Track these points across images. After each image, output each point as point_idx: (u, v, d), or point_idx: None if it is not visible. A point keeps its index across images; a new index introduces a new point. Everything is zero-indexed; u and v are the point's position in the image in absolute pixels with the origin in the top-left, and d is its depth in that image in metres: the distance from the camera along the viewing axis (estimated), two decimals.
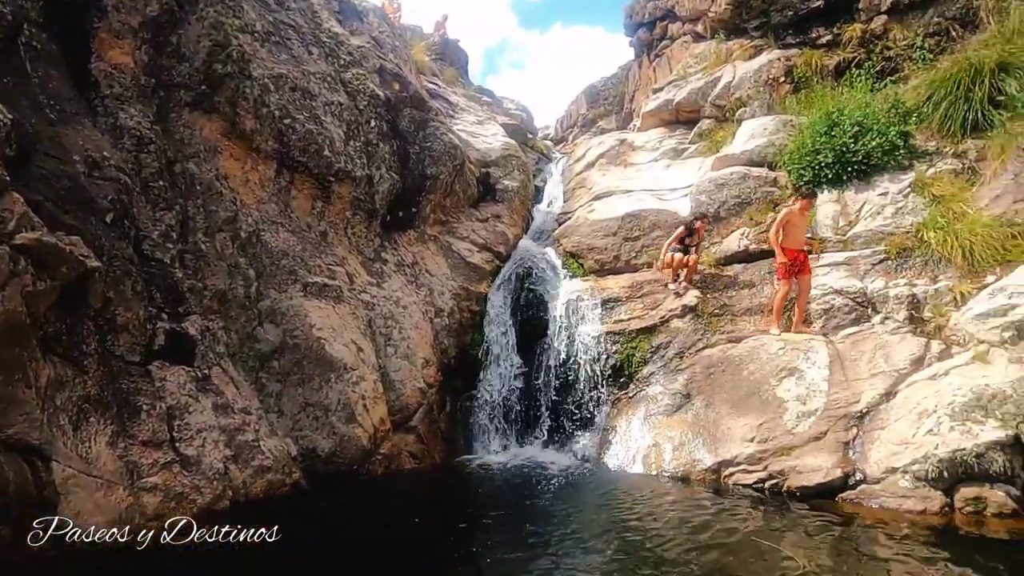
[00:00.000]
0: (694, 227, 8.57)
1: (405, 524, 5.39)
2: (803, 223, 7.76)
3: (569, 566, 4.46)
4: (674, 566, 4.38)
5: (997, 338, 6.05)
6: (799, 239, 7.68)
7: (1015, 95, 7.73)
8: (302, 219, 7.50)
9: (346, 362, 6.87)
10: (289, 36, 7.88)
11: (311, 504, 5.93)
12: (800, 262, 7.59)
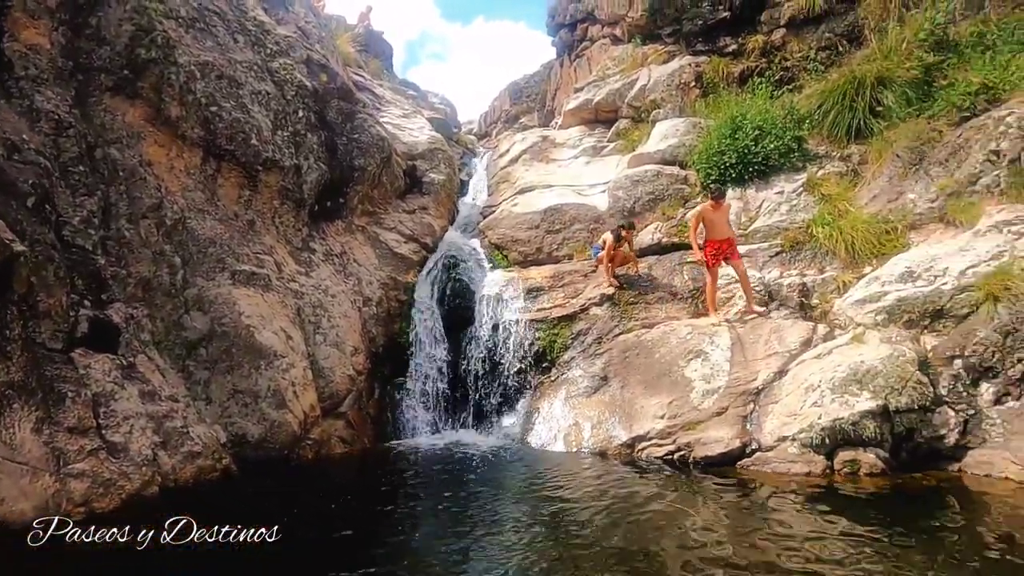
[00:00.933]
0: (621, 235, 8.87)
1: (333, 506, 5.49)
2: (721, 217, 8.03)
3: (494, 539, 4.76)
4: (591, 531, 4.79)
5: (871, 321, 6.86)
6: (720, 231, 7.98)
7: (891, 106, 8.67)
8: (229, 208, 7.48)
9: (276, 349, 6.95)
10: (214, 23, 7.81)
11: (240, 489, 6.01)
12: (724, 249, 7.92)
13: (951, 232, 7.22)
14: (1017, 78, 7.61)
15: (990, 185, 7.21)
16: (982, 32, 8.49)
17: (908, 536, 4.56)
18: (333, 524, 4.97)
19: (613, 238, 8.80)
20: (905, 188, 7.97)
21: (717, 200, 8.05)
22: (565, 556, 4.37)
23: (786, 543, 4.46)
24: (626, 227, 8.96)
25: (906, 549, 4.29)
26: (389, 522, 5.28)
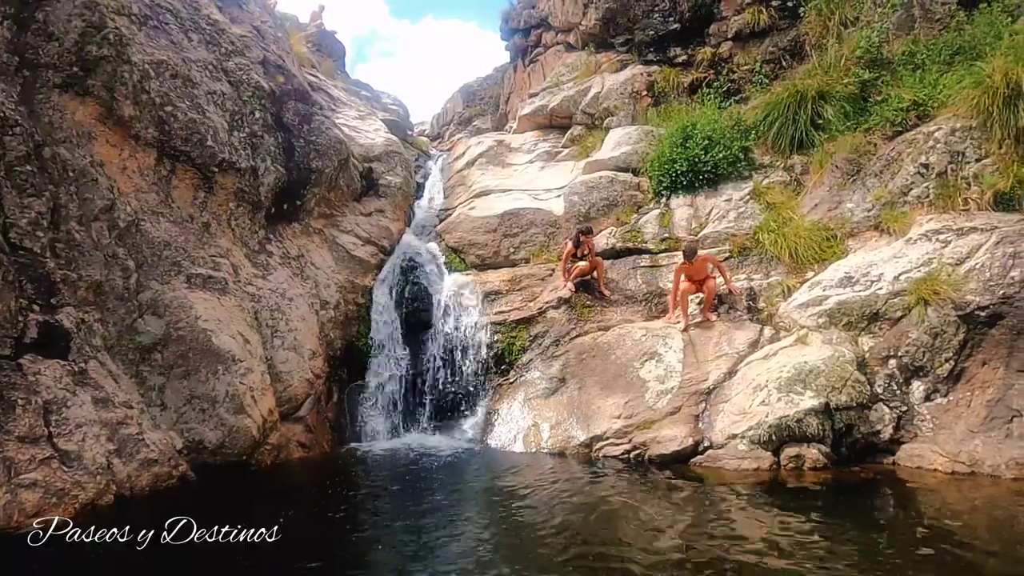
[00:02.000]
0: (580, 241, 9.00)
1: (291, 512, 5.43)
2: (696, 268, 8.12)
3: (452, 540, 4.85)
4: (548, 531, 4.93)
5: (814, 323, 7.25)
6: (700, 274, 8.15)
7: (831, 119, 9.14)
8: (184, 210, 7.34)
9: (233, 353, 6.87)
10: (167, 21, 7.64)
11: (198, 496, 5.92)
12: (709, 290, 8.12)
13: (885, 240, 7.69)
14: (944, 96, 8.14)
15: (920, 196, 7.71)
16: (912, 51, 9.04)
17: (848, 526, 4.88)
18: (290, 529, 4.96)
19: (572, 243, 9.00)
20: (844, 198, 8.43)
21: (690, 259, 8.10)
22: (522, 555, 4.51)
23: (735, 536, 4.71)
24: (585, 232, 9.12)
25: (846, 538, 4.60)
26: (347, 526, 5.31)
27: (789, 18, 11.03)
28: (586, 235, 9.09)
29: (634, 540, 4.69)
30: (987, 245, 6.64)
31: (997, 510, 5.09)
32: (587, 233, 9.14)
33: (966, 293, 6.43)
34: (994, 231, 6.73)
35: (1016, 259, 6.33)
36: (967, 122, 7.63)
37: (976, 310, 6.33)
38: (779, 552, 4.37)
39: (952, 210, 7.31)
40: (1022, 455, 5.68)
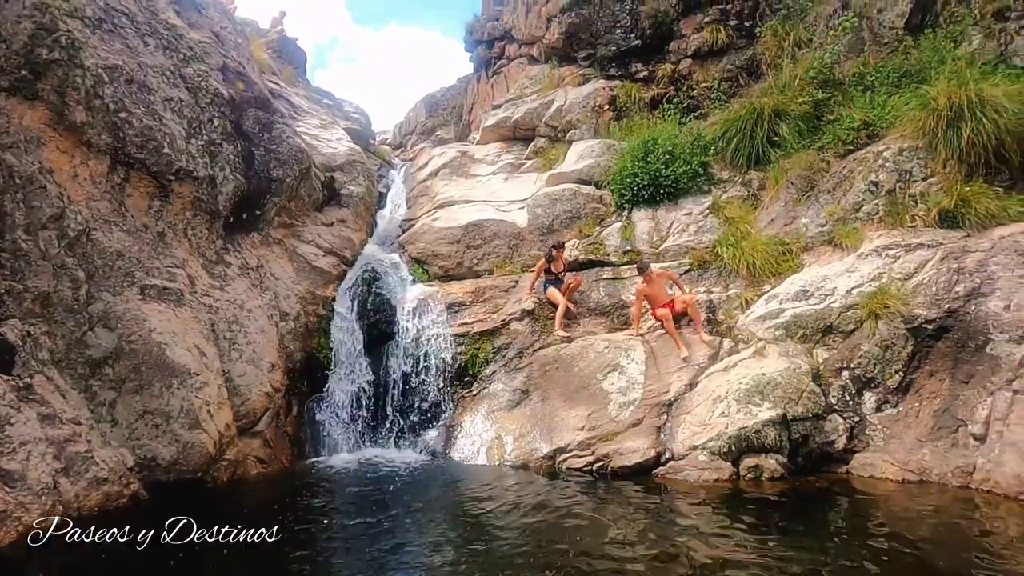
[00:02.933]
0: (552, 255, 9.02)
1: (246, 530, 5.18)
2: (657, 288, 8.22)
3: (412, 555, 4.81)
4: (510, 544, 4.93)
5: (771, 336, 7.43)
6: (661, 298, 8.18)
7: (786, 137, 9.43)
8: (139, 219, 7.12)
9: (189, 367, 6.68)
10: (123, 25, 7.43)
11: (150, 515, 5.71)
12: (675, 307, 8.05)
13: (838, 254, 7.94)
14: (892, 117, 8.48)
15: (871, 212, 7.99)
16: (863, 73, 9.39)
17: (803, 535, 5.01)
18: (243, 550, 4.84)
19: (544, 258, 9.05)
20: (799, 213, 8.68)
21: (644, 273, 8.25)
22: (484, 568, 4.48)
23: (694, 546, 4.78)
24: (557, 247, 9.17)
25: (801, 547, 4.71)
26: (304, 545, 5.19)
27: (746, 38, 11.37)
28: (558, 249, 9.14)
29: (596, 552, 4.71)
30: (933, 261, 6.92)
31: (944, 517, 5.27)
32: (559, 247, 9.19)
33: (914, 307, 6.68)
34: (939, 247, 7.02)
35: (960, 274, 6.60)
36: (914, 142, 7.95)
37: (924, 323, 6.58)
38: (737, 561, 4.45)
39: (901, 227, 7.60)
40: (966, 463, 5.90)
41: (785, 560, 4.44)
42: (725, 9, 11.63)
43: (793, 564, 4.38)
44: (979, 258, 6.59)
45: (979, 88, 7.34)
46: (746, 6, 11.53)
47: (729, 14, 11.60)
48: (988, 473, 5.71)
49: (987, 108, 7.19)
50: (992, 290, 6.34)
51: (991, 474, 5.69)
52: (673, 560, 4.52)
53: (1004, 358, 6.00)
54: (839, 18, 9.89)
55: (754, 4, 11.48)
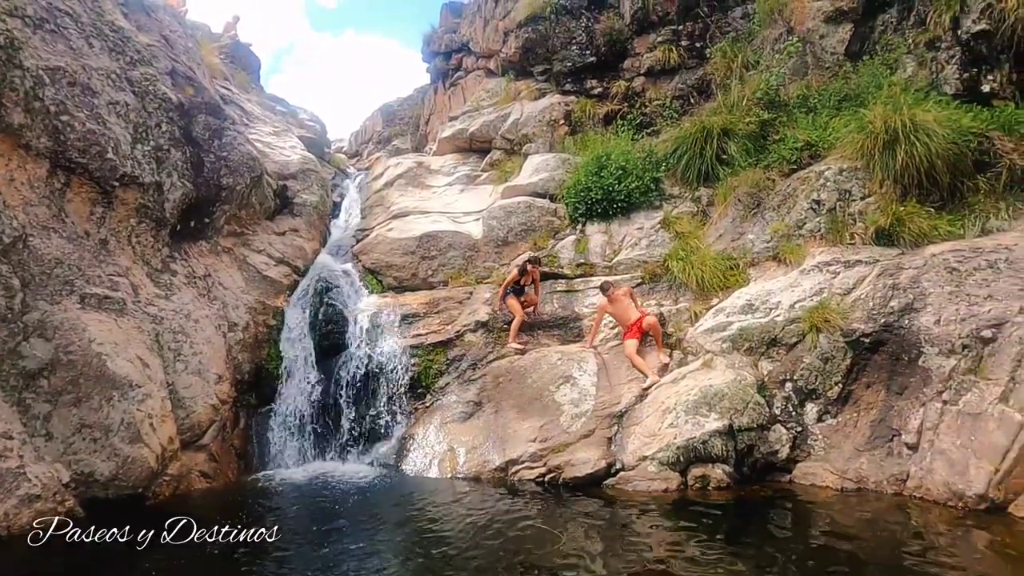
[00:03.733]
0: (526, 270, 9.02)
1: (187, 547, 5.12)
2: (622, 307, 8.21)
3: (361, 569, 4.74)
4: (461, 556, 4.93)
5: (718, 348, 7.62)
6: (628, 315, 8.17)
7: (734, 155, 9.72)
8: (80, 225, 6.89)
9: (131, 379, 6.47)
10: (66, 25, 7.21)
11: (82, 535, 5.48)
12: (639, 323, 8.05)
13: (783, 270, 8.21)
14: (833, 138, 8.84)
15: (813, 230, 8.30)
16: (806, 95, 9.78)
17: (748, 543, 5.14)
18: (181, 571, 4.71)
19: (517, 272, 9.00)
20: (746, 229, 8.96)
21: (606, 292, 8.32)
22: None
23: (641, 556, 4.86)
24: (532, 262, 9.14)
25: (746, 555, 4.83)
26: (246, 559, 5.07)
27: (697, 58, 11.71)
28: (533, 265, 9.15)
29: (545, 564, 4.74)
30: (870, 277, 7.22)
31: (879, 523, 5.48)
32: (535, 263, 9.19)
33: (852, 321, 6.95)
34: (876, 264, 7.33)
35: (895, 290, 6.91)
36: (853, 163, 8.31)
37: (861, 337, 6.85)
38: (684, 570, 4.54)
39: (841, 244, 7.91)
40: (901, 471, 6.15)
41: (730, 569, 4.55)
42: (677, 30, 11.96)
43: (737, 572, 4.49)
44: (912, 275, 6.91)
45: (912, 113, 7.72)
46: (697, 28, 11.88)
47: (681, 35, 11.93)
48: (920, 480, 5.97)
49: (920, 132, 7.56)
50: (924, 305, 6.65)
51: (923, 481, 5.94)
52: (621, 571, 4.58)
53: (935, 370, 6.29)
54: (784, 42, 10.27)
55: (704, 26, 11.83)
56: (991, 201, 7.38)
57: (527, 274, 9.07)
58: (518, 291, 9.08)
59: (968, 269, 6.57)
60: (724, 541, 5.16)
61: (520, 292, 9.08)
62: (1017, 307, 6.05)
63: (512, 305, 8.94)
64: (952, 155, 7.48)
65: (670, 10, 11.99)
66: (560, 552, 5.00)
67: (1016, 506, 5.37)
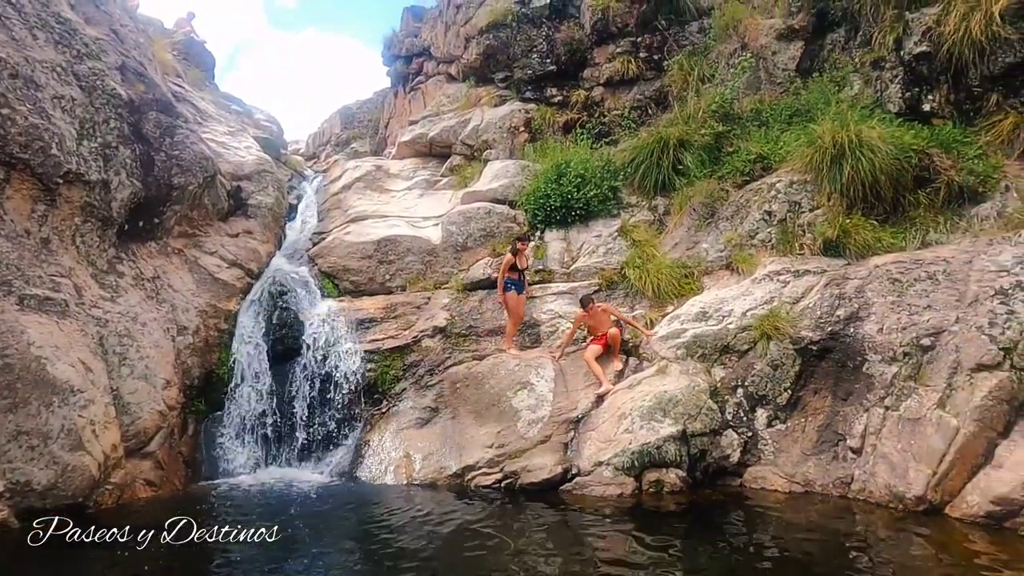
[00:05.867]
0: (517, 248, 8.84)
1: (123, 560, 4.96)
2: (599, 320, 8.20)
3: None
4: (414, 563, 4.88)
5: (673, 355, 7.76)
6: (602, 328, 8.16)
7: (690, 166, 9.93)
8: (20, 223, 6.60)
9: (72, 384, 6.22)
10: (9, 15, 6.92)
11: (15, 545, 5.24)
12: (612, 338, 8.04)
13: (735, 278, 8.41)
14: (784, 151, 9.10)
15: (765, 240, 8.53)
16: (759, 110, 10.06)
17: (700, 545, 5.24)
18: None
19: (510, 252, 8.85)
20: (700, 238, 9.15)
21: (585, 307, 8.26)
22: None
23: (595, 560, 4.91)
24: (522, 239, 9.02)
25: (698, 558, 4.94)
26: (188, 570, 4.92)
27: (655, 70, 11.94)
28: (523, 242, 8.98)
29: (499, 569, 4.74)
30: (818, 286, 7.46)
31: (825, 525, 5.66)
32: (524, 240, 9.03)
33: (801, 329, 7.16)
34: (824, 274, 7.58)
35: (841, 300, 7.15)
36: (802, 176, 8.58)
37: (809, 344, 7.07)
38: (637, 574, 4.60)
39: (791, 254, 8.15)
40: (845, 475, 6.36)
41: (684, 571, 4.63)
42: (636, 42, 12.16)
43: (689, 574, 4.57)
44: (857, 285, 7.17)
45: (858, 129, 8.01)
46: (655, 40, 12.11)
47: (639, 47, 12.14)
48: (864, 484, 6.18)
49: (865, 148, 7.85)
50: (868, 314, 6.91)
51: (866, 484, 6.15)
52: (569, 572, 4.61)
53: (877, 377, 6.53)
54: (739, 58, 10.55)
55: (662, 39, 12.07)
56: (931, 215, 7.71)
57: (519, 254, 8.85)
58: (519, 284, 8.86)
59: (909, 280, 6.84)
60: (676, 544, 5.25)
61: (520, 286, 8.87)
62: (954, 316, 6.33)
63: (511, 301, 8.74)
64: (895, 170, 7.79)
65: (629, 22, 12.20)
66: (514, 558, 5.00)
67: (952, 507, 5.62)
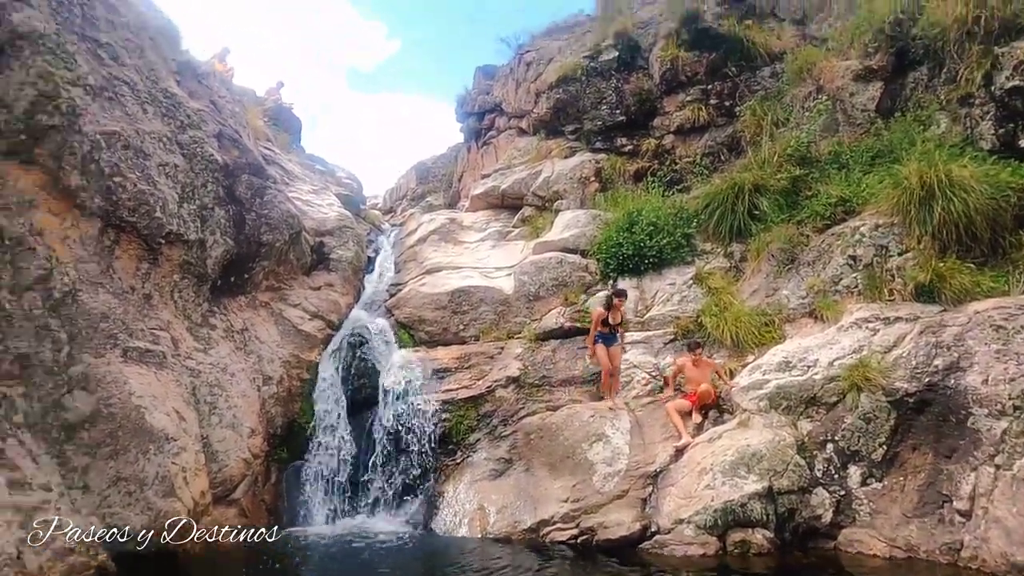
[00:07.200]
0: (611, 303, 8.53)
1: None
2: (699, 375, 7.93)
3: None
4: None
5: (755, 407, 7.44)
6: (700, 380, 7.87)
7: (766, 211, 9.70)
8: (126, 281, 7.13)
9: (167, 432, 6.55)
10: (123, 92, 7.64)
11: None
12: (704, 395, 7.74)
13: (819, 326, 8.05)
14: (867, 194, 8.78)
15: (850, 286, 8.17)
16: (838, 152, 9.80)
17: None
18: None
19: (603, 307, 8.57)
20: (780, 285, 8.86)
21: (694, 350, 8.06)
22: None
23: None
24: (618, 294, 8.71)
25: None
26: None
27: (726, 116, 11.87)
28: (620, 298, 8.64)
29: None
30: (912, 334, 7.04)
31: None
32: (621, 296, 8.70)
33: (895, 380, 6.75)
34: (917, 321, 7.15)
35: (938, 348, 6.71)
36: (889, 219, 8.22)
37: (905, 396, 6.63)
38: None
39: (879, 300, 7.76)
40: (954, 540, 5.84)
41: None
42: (706, 89, 12.16)
43: None
44: (956, 332, 6.72)
45: (948, 169, 7.65)
46: (725, 87, 12.07)
47: (710, 94, 12.13)
48: (975, 551, 5.66)
49: (956, 188, 7.48)
50: (970, 364, 6.44)
51: (978, 552, 5.63)
52: None
53: (985, 433, 6.04)
54: (814, 100, 10.35)
55: (733, 85, 12.02)
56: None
57: (615, 310, 8.49)
58: (609, 337, 8.50)
59: (1015, 327, 6.36)
60: None
61: (612, 339, 8.50)
62: None
63: (602, 354, 8.41)
64: (992, 210, 7.38)
65: (699, 70, 12.24)
66: None
67: None
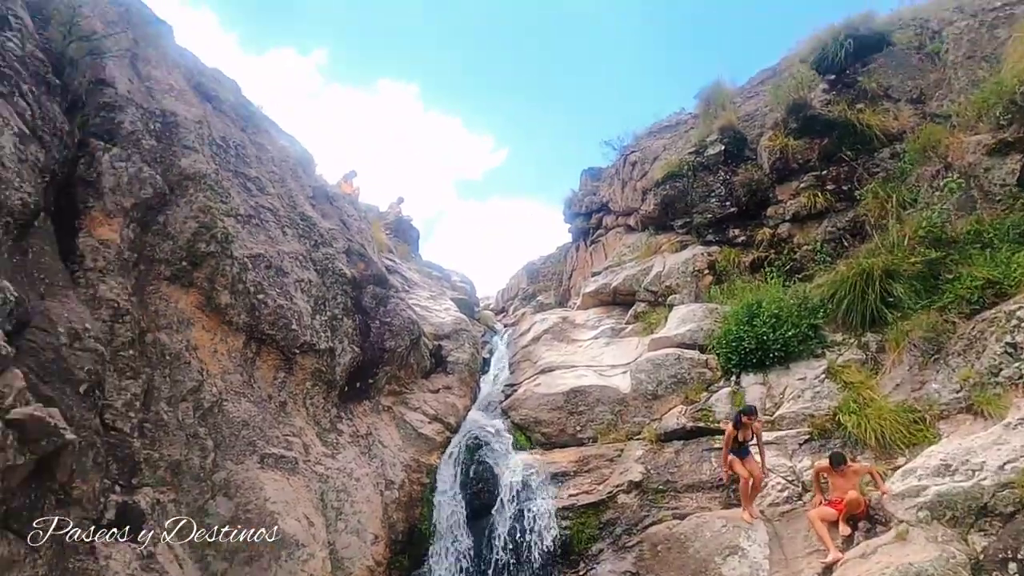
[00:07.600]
0: (741, 422, 7.87)
1: None
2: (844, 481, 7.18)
3: None
4: None
5: (913, 517, 6.61)
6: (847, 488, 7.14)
7: (902, 297, 9.02)
8: (264, 389, 7.67)
9: (298, 538, 6.76)
10: (267, 219, 8.54)
11: None
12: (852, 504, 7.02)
13: (981, 424, 7.19)
14: (1020, 274, 7.99)
15: (1012, 377, 7.31)
16: (979, 230, 9.05)
17: None
18: None
19: (732, 425, 8.00)
20: (927, 377, 8.07)
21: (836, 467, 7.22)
22: None
23: None
24: (748, 413, 7.97)
25: None
26: None
27: (846, 201, 11.36)
28: (749, 416, 7.90)
29: None
30: None
31: None
32: (750, 415, 7.94)
33: None
34: None
35: None
36: None
37: None
38: None
39: None
40: None
41: None
42: (820, 175, 11.78)
43: None
44: None
45: None
46: (842, 171, 11.64)
47: (825, 179, 11.73)
48: None
49: None
50: None
51: None
52: None
53: None
54: (943, 179, 9.75)
55: (850, 169, 11.58)
56: None
57: (744, 427, 7.86)
58: (741, 451, 7.92)
59: None
60: None
61: (744, 452, 7.91)
62: None
63: (737, 468, 7.84)
64: None
65: (810, 157, 11.94)
66: None
67: None
